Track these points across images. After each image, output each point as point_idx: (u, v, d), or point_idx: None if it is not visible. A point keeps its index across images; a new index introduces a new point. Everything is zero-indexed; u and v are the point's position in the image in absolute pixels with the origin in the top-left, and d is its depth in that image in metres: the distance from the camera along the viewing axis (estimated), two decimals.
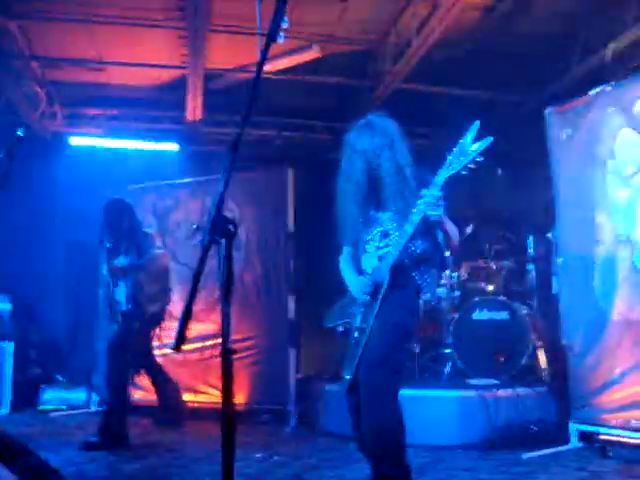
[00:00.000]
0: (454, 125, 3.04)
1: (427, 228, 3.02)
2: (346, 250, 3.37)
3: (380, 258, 3.12)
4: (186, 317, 1.62)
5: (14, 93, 6.90)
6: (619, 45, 5.71)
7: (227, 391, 1.68)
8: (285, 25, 1.81)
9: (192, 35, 5.95)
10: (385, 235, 3.16)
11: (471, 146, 2.77)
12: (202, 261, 1.61)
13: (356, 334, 3.11)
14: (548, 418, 5.18)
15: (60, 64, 6.84)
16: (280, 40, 1.81)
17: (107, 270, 5.67)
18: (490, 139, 2.74)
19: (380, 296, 3.01)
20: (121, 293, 5.59)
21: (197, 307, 6.58)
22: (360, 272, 3.23)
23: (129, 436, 5.30)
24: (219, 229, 1.66)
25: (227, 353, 1.62)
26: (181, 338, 1.59)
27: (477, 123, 2.81)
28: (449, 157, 2.84)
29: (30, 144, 5.60)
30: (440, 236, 3.14)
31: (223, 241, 1.65)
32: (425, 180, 2.94)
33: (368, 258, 3.20)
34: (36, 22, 5.99)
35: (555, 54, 6.26)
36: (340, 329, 3.28)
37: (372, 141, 3.15)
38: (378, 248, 3.17)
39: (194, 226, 6.94)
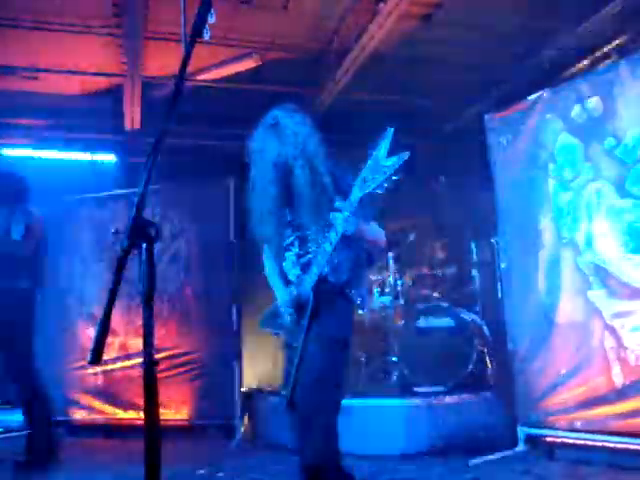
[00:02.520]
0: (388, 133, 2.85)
1: (348, 240, 2.84)
2: (266, 251, 3.20)
3: (302, 268, 2.98)
4: (103, 328, 1.51)
5: None
6: (555, 51, 5.81)
7: (150, 406, 1.57)
8: (212, 20, 1.72)
9: (128, 42, 5.81)
10: (303, 241, 3.01)
11: (386, 160, 2.57)
12: (120, 266, 1.50)
13: (289, 351, 3.00)
14: (495, 423, 5.20)
15: None
16: (206, 36, 1.72)
17: None
18: (406, 154, 2.54)
19: (307, 314, 2.84)
20: None
21: (138, 322, 6.43)
22: (284, 281, 3.08)
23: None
24: (139, 232, 1.55)
25: (150, 365, 1.51)
26: (98, 349, 1.47)
27: (390, 131, 2.62)
28: (362, 172, 2.65)
29: None
30: (364, 243, 3.03)
31: (144, 245, 1.54)
32: (346, 181, 2.80)
33: (289, 265, 3.06)
34: None
35: (492, 62, 6.32)
36: (275, 337, 3.17)
37: (282, 149, 2.95)
38: (298, 255, 3.02)
39: (112, 230, 6.74)
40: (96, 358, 1.46)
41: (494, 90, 6.72)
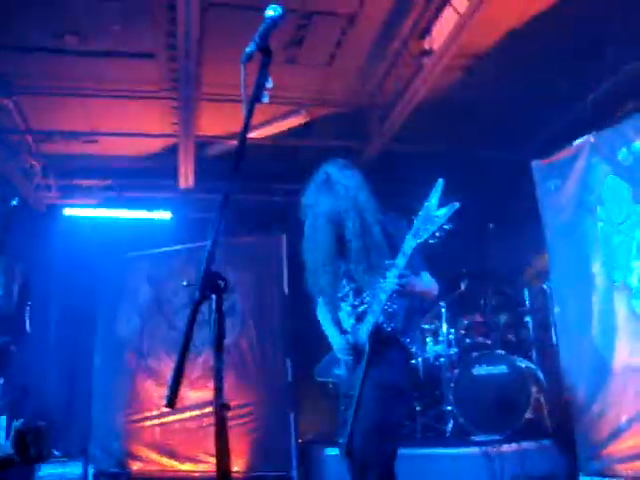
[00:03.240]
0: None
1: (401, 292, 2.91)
2: (321, 301, 3.28)
3: (357, 318, 3.04)
4: (178, 372, 1.61)
5: (9, 166, 7.00)
6: (599, 95, 5.85)
7: (222, 449, 1.65)
8: (269, 85, 1.86)
9: (183, 105, 6.09)
10: (358, 291, 3.07)
11: (437, 211, 2.67)
12: (192, 317, 1.61)
13: (346, 399, 3.04)
14: (556, 472, 5.08)
15: (54, 137, 6.94)
16: (265, 100, 1.85)
17: None
18: (456, 205, 2.63)
19: (364, 362, 2.91)
20: None
21: (195, 374, 6.57)
22: (340, 330, 3.15)
23: None
24: (209, 284, 1.66)
25: (221, 409, 1.60)
26: (174, 394, 1.57)
27: (440, 182, 2.72)
28: (415, 222, 2.74)
29: (25, 216, 5.68)
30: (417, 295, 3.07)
31: (214, 297, 1.65)
32: (398, 232, 2.89)
33: (345, 316, 3.13)
34: (31, 97, 6.12)
35: (536, 107, 6.39)
36: (330, 387, 3.21)
37: (334, 203, 3.06)
38: (353, 306, 3.09)
39: (184, 283, 6.91)
40: (171, 402, 1.56)
41: (540, 135, 6.76)
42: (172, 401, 1.55)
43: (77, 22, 5.12)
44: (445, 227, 2.66)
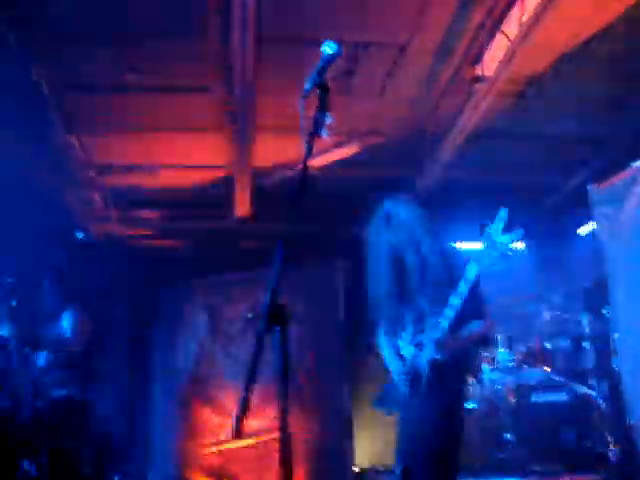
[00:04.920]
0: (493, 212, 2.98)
1: (463, 318, 2.96)
2: (381, 330, 3.33)
3: (417, 346, 3.07)
4: (245, 404, 1.67)
5: (72, 199, 7.26)
6: None
7: (286, 475, 1.69)
8: (328, 121, 1.92)
9: (239, 137, 6.22)
10: (419, 320, 3.11)
11: (500, 237, 2.72)
12: (259, 348, 1.66)
13: (403, 426, 3.05)
14: None
15: (115, 170, 7.17)
16: (324, 135, 1.92)
17: None
18: (521, 232, 2.70)
19: (423, 390, 2.93)
20: None
21: (253, 402, 6.61)
22: (399, 357, 3.18)
23: None
24: (274, 316, 1.72)
25: (286, 438, 1.64)
26: (239, 425, 1.62)
27: (504, 210, 2.77)
28: (478, 250, 2.80)
29: (88, 247, 5.87)
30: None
31: (278, 328, 1.71)
32: (457, 259, 2.92)
33: (405, 344, 3.16)
34: (93, 133, 6.36)
35: (589, 131, 6.32)
36: (387, 415, 3.22)
37: (394, 237, 3.16)
38: (414, 335, 3.12)
39: (249, 315, 7.01)
40: (238, 434, 1.61)
41: (593, 160, 6.68)
42: (239, 432, 1.60)
43: (137, 60, 5.31)
44: (509, 253, 2.69)
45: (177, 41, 5.14)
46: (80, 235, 3.94)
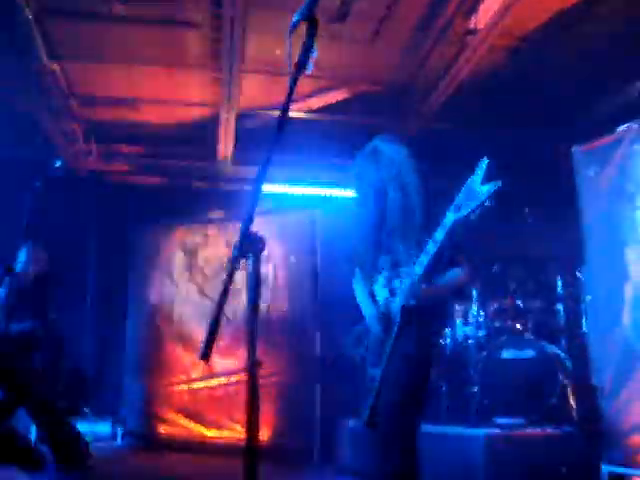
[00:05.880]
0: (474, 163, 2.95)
1: (439, 266, 2.94)
2: (358, 274, 3.31)
3: (391, 291, 3.07)
4: (214, 326, 1.66)
5: (53, 129, 7.14)
6: None
7: (253, 409, 1.70)
8: (314, 55, 1.88)
9: (225, 75, 6.12)
10: (395, 264, 3.09)
11: (479, 187, 2.68)
12: (230, 275, 1.65)
13: (373, 371, 3.07)
14: (578, 459, 5.07)
15: (97, 102, 7.04)
16: (310, 69, 1.88)
17: None
18: (499, 183, 2.63)
19: (393, 334, 2.94)
20: None
21: (223, 342, 6.66)
22: (373, 300, 3.19)
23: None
24: (248, 244, 1.70)
25: (254, 366, 1.64)
26: (209, 347, 1.62)
27: (485, 161, 2.72)
28: (456, 199, 2.75)
29: (67, 180, 5.79)
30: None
31: (251, 256, 1.69)
32: (436, 216, 2.91)
33: (379, 288, 3.15)
34: (76, 62, 6.22)
35: (581, 92, 6.31)
36: (357, 360, 3.25)
37: (379, 173, 3.12)
38: (388, 279, 3.11)
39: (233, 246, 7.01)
40: (206, 356, 1.62)
41: (580, 122, 6.67)
42: (207, 354, 1.60)
43: None
44: (486, 204, 2.68)
45: None
46: (58, 163, 3.87)
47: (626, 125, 4.92)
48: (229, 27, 5.37)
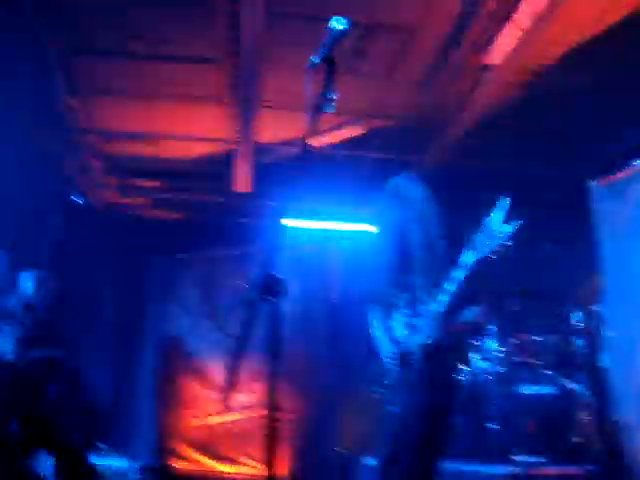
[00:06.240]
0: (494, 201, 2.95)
1: (457, 305, 2.95)
2: (375, 310, 3.31)
3: (410, 328, 3.07)
4: (234, 374, 1.66)
5: (72, 164, 7.22)
6: None
7: (271, 449, 1.68)
8: (334, 96, 1.90)
9: (243, 111, 6.18)
10: (413, 302, 3.10)
11: (499, 227, 2.69)
12: (251, 316, 1.66)
13: (391, 410, 3.04)
14: None
15: (115, 137, 7.13)
16: (329, 110, 1.90)
17: None
18: (519, 222, 2.65)
19: (413, 374, 2.92)
20: None
21: (241, 377, 6.64)
22: (390, 337, 3.18)
23: None
24: (268, 287, 1.70)
25: (273, 414, 1.63)
26: (229, 395, 1.62)
27: (505, 200, 2.73)
28: (476, 238, 2.76)
29: (85, 213, 5.85)
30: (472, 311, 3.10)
31: (271, 300, 1.69)
32: (456, 255, 2.90)
33: (397, 325, 3.15)
34: (96, 98, 6.31)
35: (597, 126, 6.29)
36: (375, 396, 3.23)
37: (400, 213, 3.16)
38: (407, 317, 3.11)
39: (245, 283, 7.01)
40: (227, 405, 1.60)
41: (598, 156, 6.65)
42: (228, 403, 1.59)
43: (142, 27, 5.26)
44: (507, 244, 2.66)
45: (183, 9, 5.10)
46: (79, 200, 3.90)
47: None
48: (246, 63, 5.43)
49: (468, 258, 2.75)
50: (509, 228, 2.65)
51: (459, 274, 2.77)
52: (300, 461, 6.47)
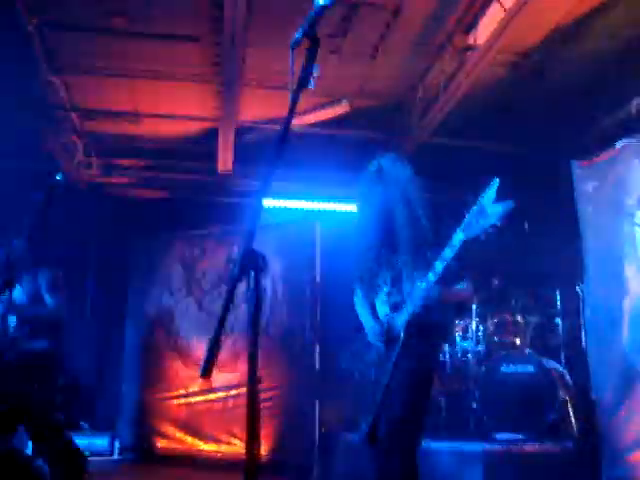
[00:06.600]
0: (479, 180, 2.97)
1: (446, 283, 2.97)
2: (358, 288, 3.33)
3: (393, 307, 3.08)
4: (215, 344, 1.66)
5: (53, 142, 7.16)
6: None
7: (253, 425, 1.69)
8: (316, 72, 1.89)
9: (226, 89, 6.14)
10: (397, 280, 3.12)
11: (491, 207, 2.67)
12: (231, 292, 1.65)
13: (374, 386, 3.07)
14: (578, 476, 5.05)
15: (98, 116, 7.06)
16: (311, 86, 1.89)
17: None
18: (510, 203, 2.63)
19: (396, 351, 2.93)
20: None
21: (222, 356, 6.67)
22: (374, 316, 3.21)
23: None
24: (249, 262, 1.70)
25: (254, 382, 1.64)
26: (210, 365, 1.62)
27: (496, 180, 2.71)
28: (467, 217, 2.75)
29: (67, 192, 5.78)
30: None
31: (252, 274, 1.69)
32: (441, 233, 2.94)
33: (380, 303, 3.18)
34: (78, 76, 6.24)
35: (580, 109, 6.33)
36: (356, 375, 3.25)
37: (384, 193, 3.15)
38: (389, 294, 3.13)
39: (227, 260, 7.02)
40: (207, 372, 1.61)
41: (581, 136, 6.70)
42: (208, 372, 1.60)
43: (125, 4, 5.20)
44: (497, 224, 2.67)
45: None
46: (59, 177, 3.87)
47: (625, 140, 4.93)
48: (229, 41, 5.39)
49: (457, 237, 2.76)
50: (500, 208, 2.65)
51: (448, 253, 2.78)
52: (282, 439, 6.51)
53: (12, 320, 4.70)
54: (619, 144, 5.00)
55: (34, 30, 5.42)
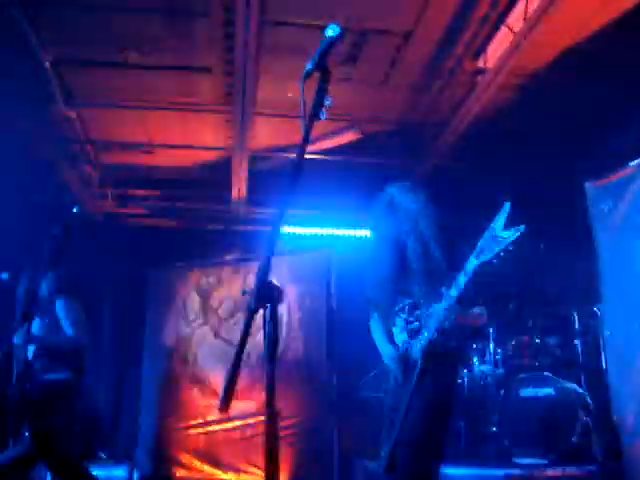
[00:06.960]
0: (491, 204, 2.97)
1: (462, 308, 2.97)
2: (375, 316, 3.33)
3: (411, 333, 3.09)
4: (233, 376, 1.67)
5: (69, 175, 7.25)
6: None
7: (272, 457, 1.69)
8: (328, 103, 1.92)
9: (238, 119, 6.21)
10: (414, 307, 3.13)
11: (502, 232, 2.68)
12: (248, 325, 1.66)
13: (392, 413, 3.05)
14: None
15: (113, 147, 7.15)
16: (323, 117, 1.92)
17: None
18: (522, 228, 2.64)
19: (414, 377, 2.93)
20: None
21: (239, 384, 6.66)
22: (390, 341, 3.20)
23: None
24: (265, 294, 1.71)
25: (272, 415, 1.64)
26: (228, 397, 1.63)
27: (507, 205, 2.72)
28: (479, 243, 2.76)
29: (83, 223, 5.86)
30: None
31: (269, 306, 1.70)
32: (455, 259, 2.93)
33: (398, 330, 3.18)
34: (93, 109, 6.33)
35: (593, 127, 6.33)
36: (374, 402, 3.25)
37: (396, 225, 3.18)
38: (407, 322, 3.14)
39: (242, 291, 7.03)
40: (225, 406, 1.62)
41: (593, 157, 6.68)
42: (226, 405, 1.60)
43: (139, 38, 5.29)
44: (509, 249, 2.67)
45: (180, 21, 5.14)
46: (76, 209, 3.92)
47: (638, 160, 4.92)
48: (241, 71, 5.46)
49: (471, 263, 2.76)
50: (511, 233, 2.65)
51: (462, 279, 2.78)
52: (300, 467, 6.46)
53: (31, 351, 4.74)
54: (633, 163, 4.98)
55: (50, 66, 5.52)
